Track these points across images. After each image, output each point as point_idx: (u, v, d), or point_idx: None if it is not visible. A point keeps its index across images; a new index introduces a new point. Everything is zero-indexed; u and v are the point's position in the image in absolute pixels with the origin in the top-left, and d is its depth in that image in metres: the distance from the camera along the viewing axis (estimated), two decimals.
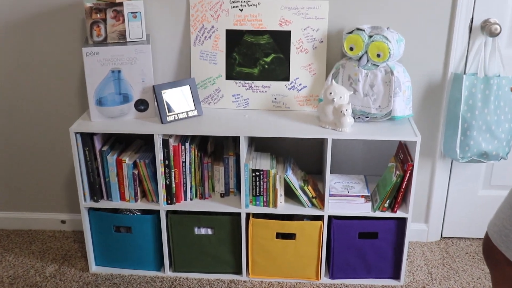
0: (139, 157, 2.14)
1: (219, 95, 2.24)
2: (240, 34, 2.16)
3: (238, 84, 2.22)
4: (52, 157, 2.48)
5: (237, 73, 2.21)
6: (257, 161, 2.15)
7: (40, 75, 2.32)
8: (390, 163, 2.14)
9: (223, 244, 2.20)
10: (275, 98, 2.22)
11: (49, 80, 2.33)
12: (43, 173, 2.51)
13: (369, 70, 2.06)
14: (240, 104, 2.24)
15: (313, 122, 2.11)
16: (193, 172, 2.14)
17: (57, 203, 2.57)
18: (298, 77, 2.20)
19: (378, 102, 2.07)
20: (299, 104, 2.22)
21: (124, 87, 2.09)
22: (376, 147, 2.33)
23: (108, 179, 2.14)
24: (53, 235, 2.56)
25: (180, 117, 2.12)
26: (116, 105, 2.10)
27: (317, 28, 2.14)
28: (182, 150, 2.09)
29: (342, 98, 2.01)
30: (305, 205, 2.13)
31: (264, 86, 2.22)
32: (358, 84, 2.08)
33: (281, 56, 2.18)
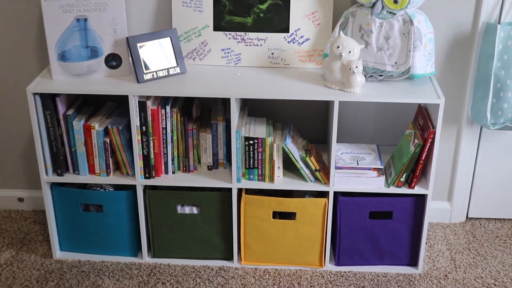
0: (111, 123, 2.13)
1: (206, 49, 2.23)
2: None
3: (229, 36, 2.21)
4: (5, 124, 2.48)
5: (227, 22, 2.20)
6: (250, 127, 2.15)
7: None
8: (408, 130, 2.13)
9: (210, 225, 2.21)
10: (272, 53, 2.22)
11: (1, 33, 2.32)
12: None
13: (384, 19, 2.05)
14: (231, 60, 2.24)
15: (317, 81, 2.10)
16: (175, 141, 2.14)
17: (13, 178, 2.57)
18: (299, 28, 2.19)
19: (394, 58, 2.07)
20: (301, 60, 2.22)
21: (92, 38, 2.08)
22: (391, 111, 2.33)
23: (74, 149, 2.14)
24: (8, 216, 2.56)
25: (160, 75, 2.11)
26: (82, 60, 2.09)
27: None
28: (162, 114, 2.08)
29: (352, 52, 2.01)
30: (307, 179, 2.14)
31: (259, 39, 2.21)
32: (371, 36, 2.07)
33: (279, 2, 2.16)
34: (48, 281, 2.18)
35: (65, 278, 2.20)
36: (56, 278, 2.20)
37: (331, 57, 2.04)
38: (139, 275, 2.21)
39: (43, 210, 2.51)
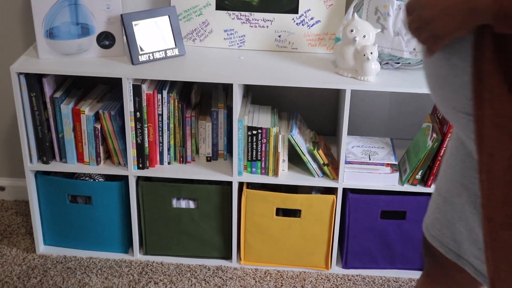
0: (103, 107, 2.08)
1: (207, 29, 2.17)
2: None
3: (232, 16, 2.15)
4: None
5: (231, 1, 2.14)
6: (254, 116, 2.11)
7: None
8: (425, 123, 2.08)
9: (208, 221, 2.16)
10: (279, 35, 2.15)
11: None
12: None
13: (402, 1, 1.97)
14: (234, 42, 2.18)
15: (327, 67, 2.06)
16: (171, 129, 2.10)
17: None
18: (309, 9, 2.12)
19: (412, 44, 2.01)
20: (310, 44, 2.16)
21: (83, 15, 2.02)
22: (407, 102, 2.28)
23: (61, 135, 2.09)
24: None
25: (156, 57, 2.06)
26: (72, 38, 2.05)
27: None
28: (158, 99, 2.04)
29: (367, 37, 1.95)
30: (314, 174, 2.10)
31: (265, 20, 2.14)
32: (388, 19, 2.00)
33: None
34: (30, 278, 2.11)
35: (49, 275, 2.13)
36: (39, 275, 2.13)
37: (344, 41, 1.98)
38: (130, 273, 2.14)
39: (26, 201, 2.42)
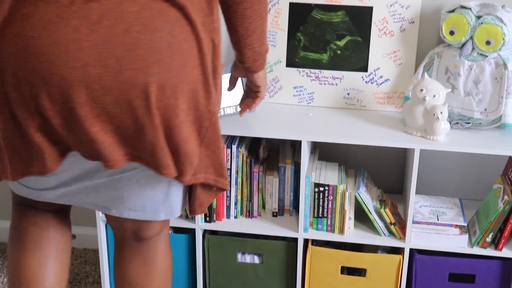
0: None
1: (277, 86, 2.18)
2: (307, 9, 2.11)
3: (302, 73, 2.15)
4: None
5: (301, 59, 2.14)
6: (321, 172, 2.08)
7: None
8: (496, 184, 2.02)
9: (273, 276, 2.12)
10: (348, 93, 2.15)
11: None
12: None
13: (474, 61, 1.96)
14: (303, 99, 2.17)
15: (396, 126, 2.03)
16: (239, 183, 2.08)
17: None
18: (379, 68, 2.12)
19: (484, 104, 1.97)
20: (379, 102, 2.14)
21: None
22: (477, 162, 2.22)
23: None
24: None
25: (227, 112, 2.06)
26: None
27: (408, 4, 2.06)
28: (227, 154, 2.03)
29: (437, 97, 1.91)
30: (381, 233, 2.04)
31: (334, 77, 2.13)
32: (458, 79, 1.98)
33: (358, 39, 2.10)
34: None
35: None
36: None
37: (413, 100, 1.95)
38: None
39: (95, 249, 2.46)
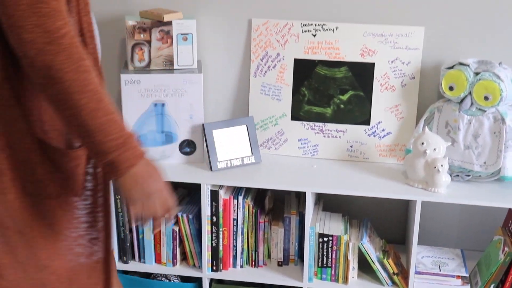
0: (182, 211, 2.12)
1: (282, 138, 2.21)
2: (311, 64, 2.16)
3: (306, 127, 2.19)
4: None
5: (306, 112, 2.18)
6: (325, 223, 2.10)
7: None
8: (496, 236, 2.03)
9: None
10: (351, 145, 2.17)
11: None
12: None
13: (473, 116, 2.00)
14: (308, 151, 2.20)
15: (398, 178, 2.06)
16: (245, 233, 2.10)
17: None
18: (381, 121, 2.15)
19: (483, 158, 2.00)
20: (381, 154, 2.17)
21: (168, 124, 2.09)
22: (478, 214, 2.23)
23: (142, 236, 2.13)
24: None
25: (234, 164, 2.10)
26: (157, 145, 2.11)
27: (408, 60, 2.11)
28: (234, 204, 2.06)
29: (437, 150, 1.95)
30: (384, 283, 2.05)
31: (338, 130, 2.17)
32: (458, 133, 2.01)
33: (361, 94, 2.14)
34: None
35: None
36: None
37: (415, 153, 1.98)
38: None
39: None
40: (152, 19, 2.03)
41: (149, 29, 2.02)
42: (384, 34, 2.10)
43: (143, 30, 2.02)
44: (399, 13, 2.10)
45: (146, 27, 2.02)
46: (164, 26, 2.03)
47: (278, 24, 2.14)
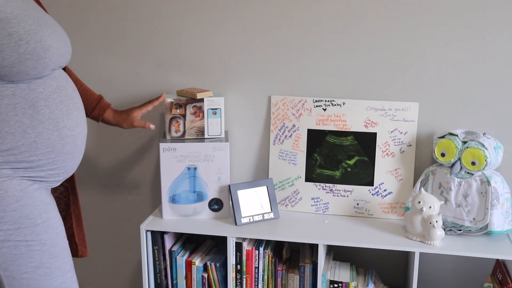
0: (210, 260, 2.22)
1: (298, 197, 2.32)
2: (322, 134, 2.26)
3: (318, 187, 2.30)
4: (117, 254, 2.62)
5: (318, 175, 2.29)
6: (335, 271, 2.17)
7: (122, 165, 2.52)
8: (486, 283, 2.10)
9: None
10: (357, 203, 2.28)
11: (125, 174, 2.53)
12: (108, 269, 2.64)
13: (462, 178, 2.08)
14: (320, 208, 2.30)
15: (398, 232, 2.13)
16: (265, 280, 2.18)
17: None
18: (383, 182, 2.25)
19: (472, 214, 2.08)
20: (384, 211, 2.26)
21: (199, 185, 2.21)
22: (469, 264, 2.30)
23: (175, 282, 2.22)
24: None
25: (255, 219, 2.20)
26: (190, 203, 2.22)
27: (406, 131, 2.21)
28: (255, 254, 2.15)
29: (432, 208, 2.03)
30: None
31: (346, 190, 2.28)
32: (450, 193, 2.11)
33: (365, 159, 2.25)
34: None
35: None
36: None
37: (413, 210, 2.07)
38: None
39: None
40: (187, 97, 2.18)
41: (184, 105, 2.18)
42: (384, 108, 2.19)
43: (179, 106, 2.18)
44: (397, 91, 2.21)
45: (182, 103, 2.18)
46: (196, 102, 2.18)
47: (293, 100, 2.26)
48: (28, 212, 1.57)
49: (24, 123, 1.53)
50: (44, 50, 1.53)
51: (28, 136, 1.54)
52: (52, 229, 1.62)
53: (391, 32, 2.19)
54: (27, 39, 1.49)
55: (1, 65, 1.46)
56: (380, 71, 2.23)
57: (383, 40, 2.21)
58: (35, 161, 1.57)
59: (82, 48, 2.37)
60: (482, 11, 2.12)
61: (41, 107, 1.56)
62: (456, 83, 2.19)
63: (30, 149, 1.55)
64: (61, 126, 1.61)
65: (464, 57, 2.17)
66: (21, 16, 1.51)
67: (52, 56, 1.56)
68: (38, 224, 1.58)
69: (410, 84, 2.22)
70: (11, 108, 1.52)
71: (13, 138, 1.53)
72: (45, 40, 1.54)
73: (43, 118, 1.57)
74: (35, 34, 1.51)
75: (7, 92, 1.51)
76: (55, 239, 1.63)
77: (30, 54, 1.50)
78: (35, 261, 1.58)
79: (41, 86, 1.57)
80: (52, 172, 1.64)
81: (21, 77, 1.51)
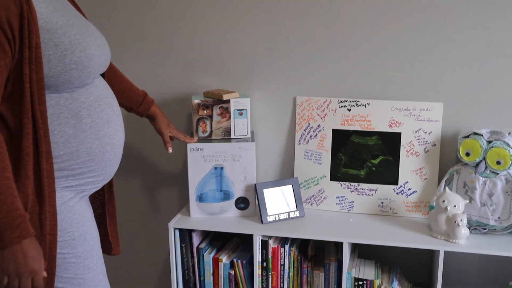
0: (237, 257, 2.23)
1: (323, 196, 2.32)
2: (347, 134, 2.26)
3: (343, 186, 2.30)
4: (145, 252, 2.64)
5: (343, 174, 2.29)
6: (360, 269, 2.17)
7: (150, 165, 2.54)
8: (511, 282, 2.10)
9: None
10: (382, 202, 2.27)
11: (153, 173, 2.55)
12: (137, 266, 2.67)
13: (487, 178, 2.07)
14: (344, 207, 2.30)
15: (423, 230, 2.12)
16: (291, 277, 2.19)
17: None
18: (407, 181, 2.24)
19: (497, 213, 2.07)
20: (408, 210, 2.25)
21: (226, 184, 2.22)
22: (494, 262, 2.28)
23: (203, 278, 2.24)
24: None
25: (281, 218, 2.21)
26: (216, 201, 2.24)
27: (430, 130, 2.20)
28: (281, 252, 2.15)
29: (457, 207, 2.02)
30: None
31: (370, 189, 2.28)
32: (474, 192, 2.10)
33: (389, 159, 2.24)
34: None
35: None
36: None
37: (437, 209, 2.06)
38: None
39: None
40: (213, 98, 2.20)
41: (211, 106, 2.19)
42: (408, 108, 2.18)
43: (206, 107, 2.19)
44: (421, 91, 2.20)
45: (209, 104, 2.19)
46: (223, 103, 2.19)
47: (318, 100, 2.26)
48: (67, 226, 1.58)
49: (67, 132, 1.54)
50: (88, 59, 1.54)
51: (70, 145, 1.55)
52: (88, 241, 1.63)
53: (415, 32, 2.18)
54: (72, 49, 1.50)
55: (48, 75, 1.46)
56: (404, 72, 2.22)
57: (407, 40, 2.20)
58: (76, 169, 1.58)
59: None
60: (507, 10, 2.10)
61: (83, 116, 1.57)
62: (481, 82, 2.17)
63: (72, 158, 1.56)
64: (102, 135, 1.62)
65: (489, 56, 2.15)
66: (66, 26, 1.51)
67: (95, 64, 1.57)
68: (75, 237, 1.59)
69: (435, 84, 2.20)
70: (55, 118, 1.52)
71: (56, 148, 1.53)
72: (89, 49, 1.54)
73: (85, 127, 1.58)
74: (80, 43, 1.52)
75: (51, 102, 1.51)
76: (90, 251, 1.64)
77: (76, 63, 1.50)
78: (70, 272, 1.59)
79: (83, 96, 1.58)
80: (91, 179, 1.64)
81: (65, 86, 1.52)
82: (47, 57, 1.46)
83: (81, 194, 1.66)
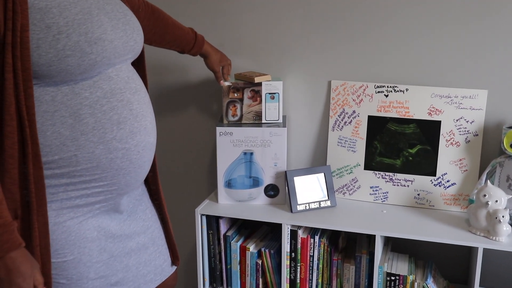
0: (265, 246, 2.15)
1: (356, 185, 2.23)
2: (383, 121, 2.16)
3: (378, 176, 2.19)
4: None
5: (377, 163, 2.19)
6: (393, 263, 2.08)
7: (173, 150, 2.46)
8: None
9: None
10: (418, 194, 2.16)
11: (181, 156, 2.47)
12: None
13: None
14: (378, 198, 2.20)
15: (461, 225, 2.01)
16: (320, 268, 2.11)
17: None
18: (446, 173, 2.13)
19: None
20: (446, 203, 2.14)
21: (255, 170, 2.14)
22: None
23: (229, 266, 2.17)
24: None
25: (312, 207, 2.12)
26: (245, 188, 2.16)
27: (472, 119, 2.08)
28: (310, 243, 2.07)
29: (499, 202, 1.91)
30: None
31: (406, 180, 2.17)
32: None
33: (428, 148, 2.13)
34: None
35: None
36: None
37: (477, 204, 1.95)
38: None
39: None
40: (244, 81, 2.11)
41: (242, 89, 2.11)
42: (450, 95, 2.07)
43: (237, 90, 2.11)
44: (464, 77, 2.07)
45: (240, 87, 2.11)
46: (254, 86, 2.10)
47: (354, 85, 2.16)
48: (58, 248, 1.37)
49: (62, 134, 1.30)
50: (90, 45, 1.28)
51: (67, 149, 1.31)
52: (84, 263, 1.41)
53: (459, 14, 2.04)
54: (68, 31, 1.25)
55: (37, 64, 1.22)
56: (446, 56, 2.08)
57: (449, 22, 2.05)
58: (76, 177, 1.35)
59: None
60: None
61: (84, 115, 1.32)
62: None
63: (69, 164, 1.33)
64: (109, 138, 1.37)
65: None
66: (65, 4, 1.27)
67: (102, 50, 1.32)
68: (67, 260, 1.39)
69: (479, 70, 2.06)
70: (48, 116, 1.29)
71: (49, 151, 1.30)
72: (93, 32, 1.29)
73: (86, 128, 1.33)
74: (79, 25, 1.27)
75: (46, 98, 1.28)
76: (86, 272, 1.42)
77: (72, 49, 1.25)
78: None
79: (87, 90, 1.33)
80: (100, 189, 1.41)
81: (63, 77, 1.27)
82: (35, 42, 1.22)
83: (90, 207, 1.44)
